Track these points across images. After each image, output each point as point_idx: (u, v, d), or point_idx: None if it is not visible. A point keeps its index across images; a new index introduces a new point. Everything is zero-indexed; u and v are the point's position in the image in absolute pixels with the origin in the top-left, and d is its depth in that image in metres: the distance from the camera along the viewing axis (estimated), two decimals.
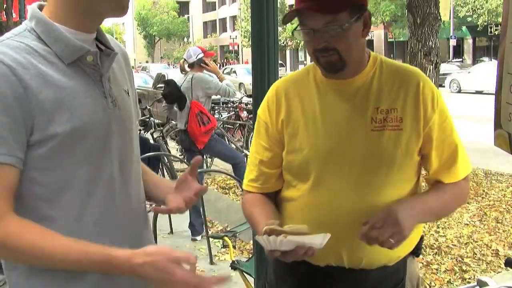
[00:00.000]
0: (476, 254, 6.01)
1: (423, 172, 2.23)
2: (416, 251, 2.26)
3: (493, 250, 6.13)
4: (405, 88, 2.11)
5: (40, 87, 1.59)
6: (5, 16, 21.61)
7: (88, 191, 1.69)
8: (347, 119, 2.09)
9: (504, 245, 6.28)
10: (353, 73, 2.11)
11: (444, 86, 30.53)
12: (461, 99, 25.85)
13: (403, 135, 2.07)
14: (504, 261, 2.52)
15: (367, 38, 2.15)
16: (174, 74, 14.56)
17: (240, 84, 32.93)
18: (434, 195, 2.18)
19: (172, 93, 7.16)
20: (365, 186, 2.07)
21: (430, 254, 6.01)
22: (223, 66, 51.74)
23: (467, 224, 7.02)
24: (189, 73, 7.18)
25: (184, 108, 7.09)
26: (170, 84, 7.32)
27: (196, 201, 1.94)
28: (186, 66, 7.30)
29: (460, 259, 5.89)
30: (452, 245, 6.30)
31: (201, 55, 7.17)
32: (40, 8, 1.72)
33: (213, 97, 7.96)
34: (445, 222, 7.00)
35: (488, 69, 28.07)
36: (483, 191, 8.60)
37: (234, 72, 37.58)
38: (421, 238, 2.29)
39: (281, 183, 2.27)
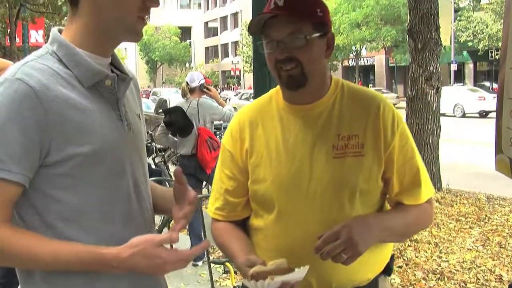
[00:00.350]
0: (479, 279, 5.96)
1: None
2: (387, 270, 2.25)
3: (496, 275, 6.07)
4: (365, 113, 2.11)
5: (61, 109, 1.65)
6: (8, 41, 21.79)
7: (106, 212, 1.75)
8: (309, 148, 2.09)
9: (507, 270, 6.23)
10: (315, 97, 2.12)
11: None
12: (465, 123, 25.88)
13: (364, 160, 2.07)
14: (507, 287, 2.51)
15: (368, 63, 2.16)
16: (175, 99, 14.56)
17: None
18: (395, 214, 2.18)
19: (179, 121, 7.10)
20: (329, 213, 2.06)
21: (433, 280, 5.97)
22: (223, 91, 51.89)
23: (470, 249, 6.97)
24: (191, 98, 7.17)
25: (191, 134, 7.08)
26: (177, 111, 7.18)
27: (198, 226, 1.96)
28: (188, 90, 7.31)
29: (463, 285, 5.84)
30: (455, 270, 6.25)
31: (203, 80, 7.21)
32: (60, 32, 1.80)
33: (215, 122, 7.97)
34: (448, 247, 6.97)
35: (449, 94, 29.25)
36: (486, 215, 8.56)
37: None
38: (392, 257, 2.28)
39: (248, 211, 2.25)
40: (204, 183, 7.65)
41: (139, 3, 1.76)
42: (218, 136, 12.66)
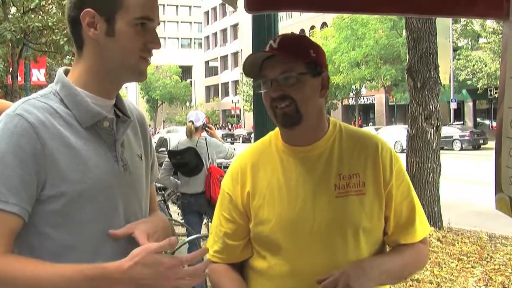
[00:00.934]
0: None
1: None
2: None
3: None
4: (365, 153, 2.17)
5: (57, 146, 1.73)
6: (10, 79, 21.90)
7: (96, 249, 1.79)
8: (312, 188, 2.13)
9: None
10: (314, 138, 2.17)
11: (444, 148, 30.57)
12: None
13: (366, 198, 2.12)
14: None
15: (368, 102, 2.21)
16: (176, 138, 14.57)
17: None
18: (392, 256, 2.21)
19: (192, 161, 7.11)
20: (334, 252, 2.09)
21: None
22: (222, 129, 51.96)
23: None
24: (196, 137, 7.23)
25: (199, 173, 7.10)
26: (190, 151, 7.17)
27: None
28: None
29: None
30: None
31: (205, 119, 7.34)
32: (66, 72, 1.90)
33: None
34: (450, 287, 6.90)
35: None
36: (488, 255, 8.49)
37: None
38: None
39: (247, 253, 2.25)
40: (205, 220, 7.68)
41: (141, 45, 1.83)
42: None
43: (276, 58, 2.07)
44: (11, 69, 21.40)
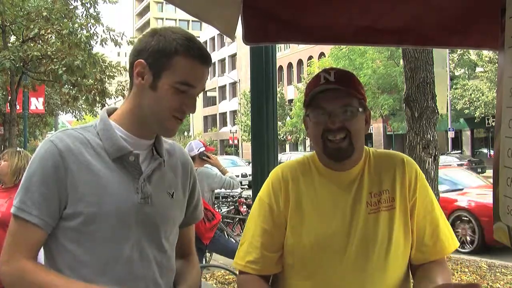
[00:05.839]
0: None
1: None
2: None
3: None
4: (392, 168, 2.30)
5: (80, 170, 1.97)
6: (9, 108, 21.94)
7: (103, 269, 1.98)
8: (346, 207, 2.22)
9: None
10: (352, 165, 2.27)
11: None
12: None
13: (396, 213, 2.22)
14: None
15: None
16: None
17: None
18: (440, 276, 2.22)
19: None
20: (365, 266, 2.17)
21: None
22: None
23: None
24: None
25: None
26: None
27: None
28: None
29: None
30: None
31: (203, 148, 7.20)
32: (113, 110, 2.16)
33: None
34: None
35: None
36: (488, 284, 8.46)
37: None
38: None
39: (280, 266, 2.31)
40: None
41: (176, 105, 2.03)
42: (216, 205, 12.67)
43: (336, 91, 2.17)
44: (9, 97, 21.45)
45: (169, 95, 2.01)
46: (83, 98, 22.55)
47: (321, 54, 56.54)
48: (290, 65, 65.74)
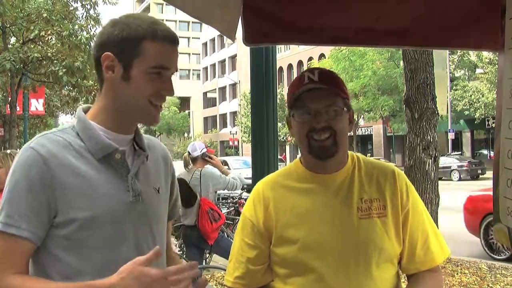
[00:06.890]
0: None
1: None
2: None
3: None
4: (383, 178, 2.30)
5: (67, 176, 1.87)
6: (9, 109, 21.96)
7: (100, 275, 1.83)
8: (335, 211, 2.22)
9: None
10: (336, 168, 2.27)
11: (442, 179, 30.58)
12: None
13: (387, 221, 2.23)
14: None
15: (366, 132, 2.29)
16: (176, 170, 14.52)
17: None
18: None
19: (183, 193, 7.02)
20: (356, 272, 2.17)
21: None
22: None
23: None
24: (193, 169, 7.15)
25: (194, 205, 7.03)
26: (181, 184, 6.94)
27: None
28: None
29: None
30: None
31: (205, 149, 7.21)
32: (88, 108, 2.07)
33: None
34: None
35: None
36: (488, 285, 8.44)
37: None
38: None
39: (268, 278, 2.31)
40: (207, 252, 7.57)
41: (153, 91, 1.95)
42: (225, 206, 12.64)
43: (320, 90, 2.18)
44: (9, 98, 21.48)
45: (145, 83, 1.94)
46: (83, 99, 22.60)
47: (321, 55, 56.51)
48: (290, 66, 65.72)
